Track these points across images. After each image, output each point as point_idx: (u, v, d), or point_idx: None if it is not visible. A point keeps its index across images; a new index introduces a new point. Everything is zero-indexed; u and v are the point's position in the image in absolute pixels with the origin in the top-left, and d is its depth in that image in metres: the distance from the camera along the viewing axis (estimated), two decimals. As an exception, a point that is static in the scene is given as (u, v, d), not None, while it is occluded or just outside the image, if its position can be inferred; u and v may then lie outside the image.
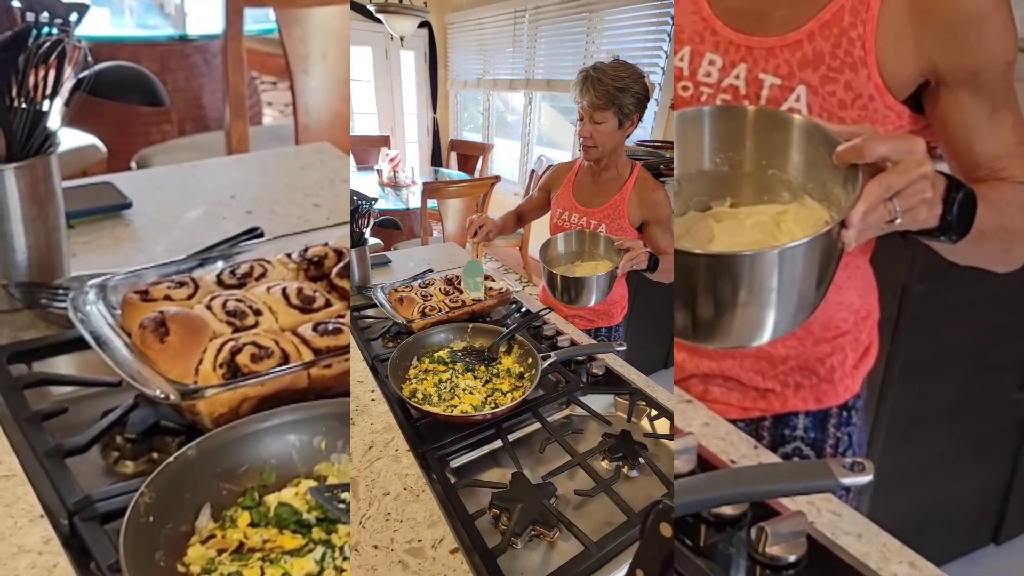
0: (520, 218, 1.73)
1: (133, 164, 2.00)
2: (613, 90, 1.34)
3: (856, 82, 0.68)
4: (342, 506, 0.55)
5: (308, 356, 0.67)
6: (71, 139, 1.94)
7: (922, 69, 0.67)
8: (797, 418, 0.86)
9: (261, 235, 0.97)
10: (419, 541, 0.60)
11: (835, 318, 0.82)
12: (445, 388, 0.95)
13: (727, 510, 0.57)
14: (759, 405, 0.87)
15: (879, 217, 0.54)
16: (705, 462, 0.66)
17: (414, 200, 3.68)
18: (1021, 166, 0.69)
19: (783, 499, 0.59)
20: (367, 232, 1.37)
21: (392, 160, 4.10)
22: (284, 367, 0.64)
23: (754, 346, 0.61)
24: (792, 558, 0.53)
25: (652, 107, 3.22)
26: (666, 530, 0.39)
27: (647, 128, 3.25)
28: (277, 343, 0.66)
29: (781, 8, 0.70)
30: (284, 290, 0.73)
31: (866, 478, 0.45)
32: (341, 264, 0.77)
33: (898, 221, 0.55)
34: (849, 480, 0.45)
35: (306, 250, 0.81)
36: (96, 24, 2.23)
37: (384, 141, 4.93)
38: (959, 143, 0.70)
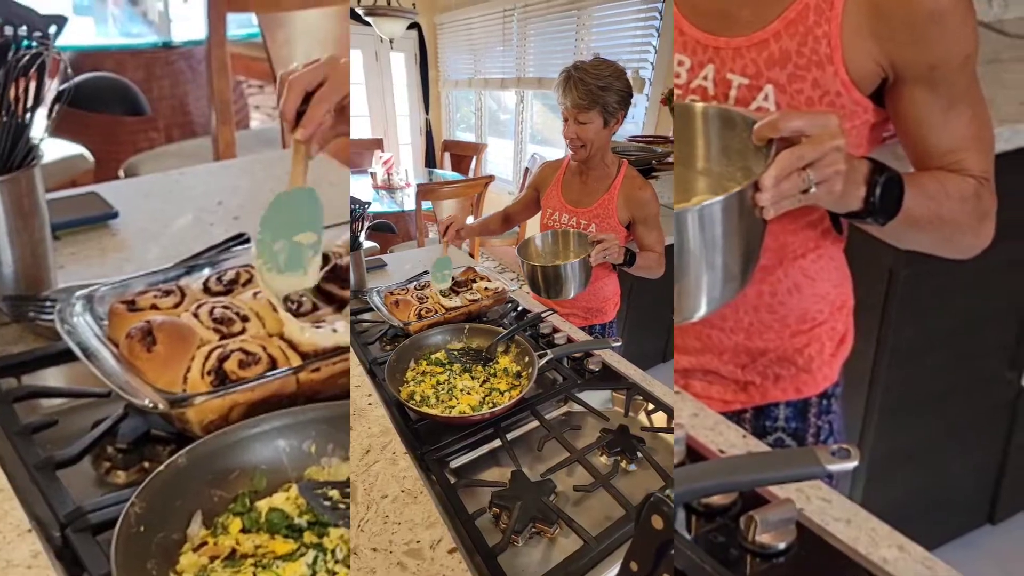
0: (508, 219, 1.73)
1: (121, 173, 2.00)
2: (596, 89, 1.34)
3: (823, 79, 0.68)
4: (327, 503, 0.55)
5: (296, 361, 0.67)
6: (58, 149, 1.94)
7: (881, 64, 0.67)
8: (778, 409, 0.88)
9: (248, 241, 0.96)
10: (417, 542, 0.60)
11: (811, 309, 0.83)
12: (443, 389, 0.95)
13: (717, 499, 0.57)
14: (740, 398, 0.88)
15: (793, 185, 0.56)
16: (694, 452, 0.67)
17: (409, 202, 3.69)
18: (975, 159, 0.70)
19: (772, 487, 0.59)
20: (362, 236, 1.38)
21: (386, 163, 4.11)
22: (272, 372, 0.64)
23: (696, 319, 0.65)
24: (782, 545, 0.53)
25: (643, 102, 3.22)
26: (657, 522, 0.40)
27: (638, 123, 3.26)
28: (264, 349, 0.66)
29: (746, 8, 0.71)
30: (270, 295, 0.73)
31: (851, 464, 0.46)
32: (328, 268, 0.77)
33: (812, 190, 0.56)
34: (835, 466, 0.46)
35: (292, 255, 0.80)
36: (81, 34, 2.23)
37: (377, 144, 4.93)
38: (914, 137, 0.71)
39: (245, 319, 0.70)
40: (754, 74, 0.70)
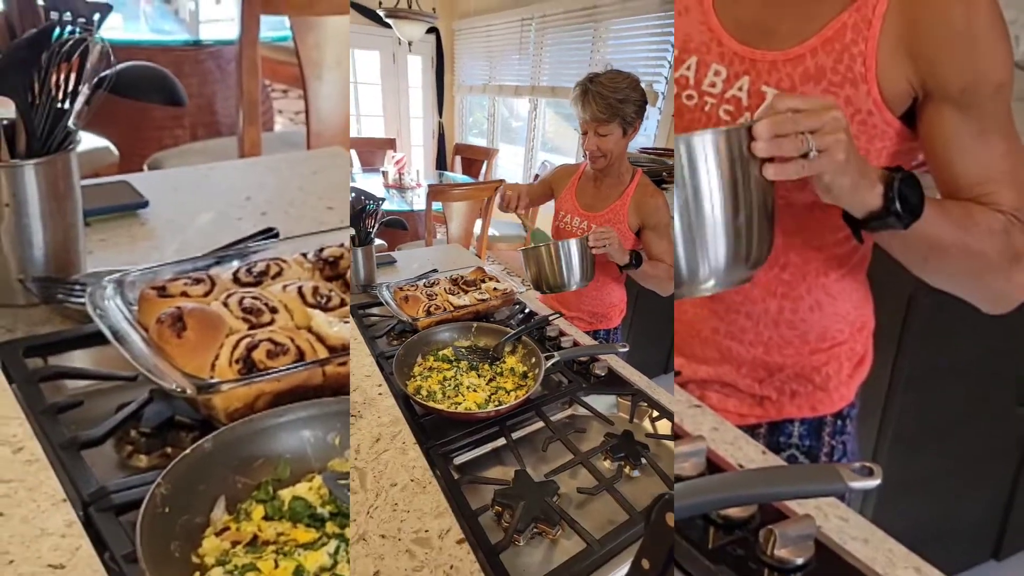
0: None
1: (145, 168, 2.00)
2: (615, 102, 1.35)
3: (856, 97, 0.68)
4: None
5: (323, 353, 0.67)
6: (84, 141, 1.95)
7: (913, 84, 0.67)
8: (792, 426, 0.87)
9: (277, 235, 0.98)
10: (426, 531, 0.60)
11: (831, 329, 0.83)
12: (449, 385, 0.95)
13: (735, 512, 0.57)
14: (755, 412, 0.88)
15: (792, 146, 0.56)
16: (714, 466, 0.66)
17: (418, 202, 3.69)
18: (1007, 194, 0.68)
19: (791, 503, 0.59)
20: (373, 232, 1.38)
21: (398, 163, 4.11)
22: (299, 364, 0.64)
23: (703, 291, 0.64)
24: (800, 561, 0.53)
25: (655, 115, 3.23)
26: (671, 520, 0.40)
27: (650, 135, 3.26)
28: (292, 340, 0.66)
29: (786, 22, 0.71)
30: (300, 289, 0.74)
31: (874, 482, 0.46)
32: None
33: (812, 155, 0.56)
34: (858, 484, 0.45)
35: (321, 250, 0.81)
36: (110, 28, 2.23)
37: (390, 144, 4.94)
38: (941, 162, 0.69)
39: (274, 310, 0.71)
40: (788, 88, 0.71)
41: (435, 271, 1.43)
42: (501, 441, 0.84)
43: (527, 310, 1.31)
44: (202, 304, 0.69)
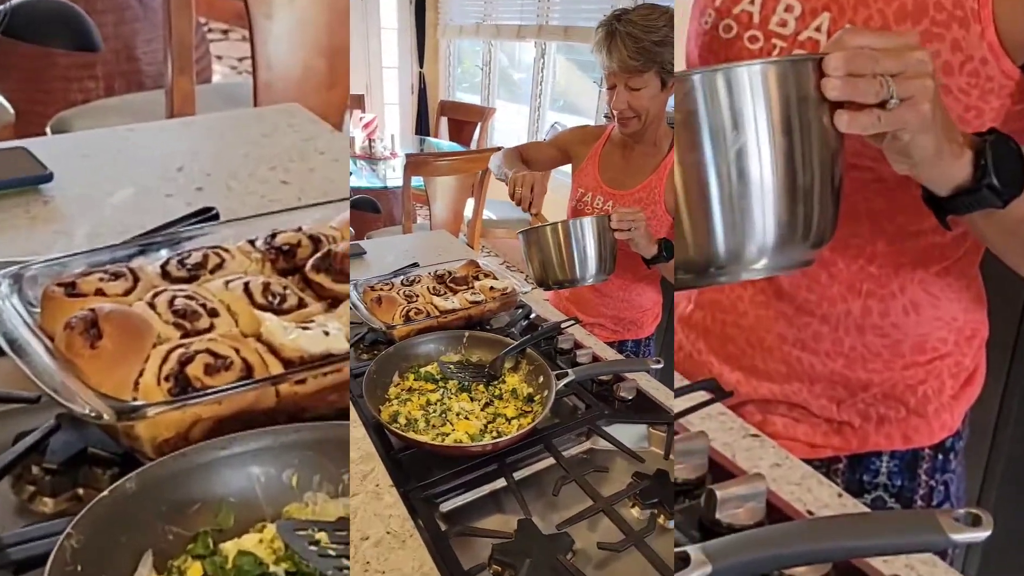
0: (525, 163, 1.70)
1: (48, 130, 2.01)
2: (650, 45, 1.34)
3: (966, 41, 0.67)
4: (314, 548, 0.55)
5: (276, 368, 0.67)
6: (-30, 98, 1.97)
7: None
8: (880, 460, 0.87)
9: (216, 217, 0.98)
10: (406, 597, 0.61)
11: (931, 337, 0.83)
12: (434, 412, 0.96)
13: (804, 572, 0.56)
14: (832, 442, 0.88)
15: (870, 87, 0.56)
16: (776, 512, 0.66)
17: (394, 177, 3.71)
18: None
19: (876, 560, 0.59)
20: (338, 215, 1.39)
21: (366, 126, 4.12)
22: (246, 382, 0.65)
23: (749, 274, 0.64)
24: (885, 634, 0.53)
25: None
26: None
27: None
28: (237, 352, 0.67)
29: None
30: (246, 285, 0.74)
31: (983, 534, 0.45)
32: (319, 254, 0.78)
33: (893, 103, 0.56)
34: (962, 536, 0.45)
35: (274, 236, 0.81)
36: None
37: (357, 102, 4.95)
38: None
39: (214, 313, 0.71)
40: (880, 28, 0.70)
41: (415, 265, 1.44)
42: (501, 483, 0.85)
43: (533, 315, 1.32)
44: (122, 305, 0.69)
